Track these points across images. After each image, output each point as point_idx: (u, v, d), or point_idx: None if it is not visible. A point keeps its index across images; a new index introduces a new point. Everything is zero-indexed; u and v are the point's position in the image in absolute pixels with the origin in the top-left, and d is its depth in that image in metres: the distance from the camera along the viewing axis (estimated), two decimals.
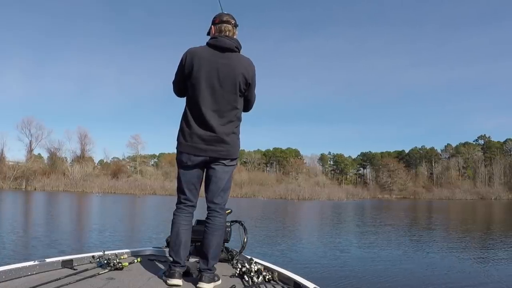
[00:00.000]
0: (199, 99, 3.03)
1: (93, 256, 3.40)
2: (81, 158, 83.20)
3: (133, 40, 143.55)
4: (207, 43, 3.13)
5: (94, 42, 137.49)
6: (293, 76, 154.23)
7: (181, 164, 3.12)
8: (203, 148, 3.02)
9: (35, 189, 66.97)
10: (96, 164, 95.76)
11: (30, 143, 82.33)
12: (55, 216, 23.17)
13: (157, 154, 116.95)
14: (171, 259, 3.09)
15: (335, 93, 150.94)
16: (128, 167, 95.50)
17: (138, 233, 16.48)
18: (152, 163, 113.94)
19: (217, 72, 3.03)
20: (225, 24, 3.15)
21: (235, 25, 3.20)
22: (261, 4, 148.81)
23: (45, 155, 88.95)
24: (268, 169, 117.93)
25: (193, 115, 3.05)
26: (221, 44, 3.08)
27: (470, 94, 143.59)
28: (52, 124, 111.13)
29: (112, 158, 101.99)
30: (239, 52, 3.17)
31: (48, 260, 3.10)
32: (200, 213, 3.44)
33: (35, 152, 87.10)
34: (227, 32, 3.14)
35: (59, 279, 2.73)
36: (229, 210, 3.77)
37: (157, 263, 3.59)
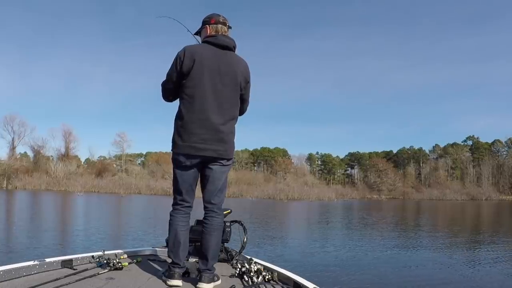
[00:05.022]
0: (200, 97, 2.98)
1: (92, 256, 3.39)
2: (65, 157, 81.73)
3: (123, 38, 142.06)
4: (206, 41, 3.11)
5: (83, 39, 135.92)
6: (283, 75, 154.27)
7: (179, 165, 3.06)
8: (202, 148, 2.96)
9: (16, 187, 65.65)
10: (82, 163, 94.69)
11: (12, 140, 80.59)
12: (32, 217, 22.43)
13: (144, 153, 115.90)
14: (170, 260, 3.07)
15: (324, 93, 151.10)
16: (114, 165, 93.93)
17: (124, 234, 15.89)
18: (139, 162, 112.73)
19: (218, 70, 3.01)
20: (221, 25, 3.15)
21: (229, 27, 3.21)
22: (252, 3, 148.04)
23: (29, 153, 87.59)
24: (255, 168, 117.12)
25: (193, 114, 2.98)
26: (221, 42, 3.08)
27: (459, 95, 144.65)
28: (39, 123, 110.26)
29: (98, 157, 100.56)
30: (234, 51, 3.18)
31: (47, 260, 3.09)
32: (199, 213, 3.34)
33: (19, 150, 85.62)
34: (224, 33, 3.15)
35: (59, 279, 2.74)
36: (229, 210, 3.88)
37: (156, 263, 3.58)
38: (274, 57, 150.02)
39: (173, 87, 3.11)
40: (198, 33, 3.30)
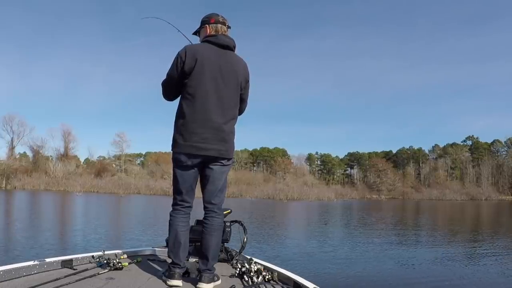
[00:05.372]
0: (202, 96, 2.96)
1: (92, 256, 3.40)
2: (65, 156, 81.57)
3: (123, 38, 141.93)
4: (207, 40, 3.08)
5: (83, 39, 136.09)
6: (283, 76, 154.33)
7: (179, 164, 3.03)
8: (204, 147, 2.94)
9: (15, 188, 65.37)
10: (82, 163, 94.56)
11: (11, 140, 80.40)
12: (32, 217, 22.34)
13: (144, 153, 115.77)
14: (170, 260, 3.06)
15: (324, 93, 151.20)
16: (114, 165, 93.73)
17: (124, 234, 15.77)
18: (138, 162, 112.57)
19: (219, 69, 3.00)
20: (220, 25, 3.14)
21: (229, 27, 3.20)
22: (252, 3, 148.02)
23: (28, 153, 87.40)
24: (255, 168, 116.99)
25: (194, 113, 2.95)
26: (222, 42, 3.08)
27: (458, 95, 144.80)
28: (39, 123, 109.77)
29: (98, 157, 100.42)
30: (234, 51, 3.17)
31: (47, 260, 3.10)
32: (199, 213, 3.34)
33: (18, 150, 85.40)
34: (224, 33, 3.14)
35: (59, 279, 2.74)
36: (229, 210, 3.90)
37: (156, 263, 3.58)
38: (274, 57, 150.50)
39: (174, 86, 3.09)
40: (196, 32, 3.28)
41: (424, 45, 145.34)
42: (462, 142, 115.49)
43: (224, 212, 3.83)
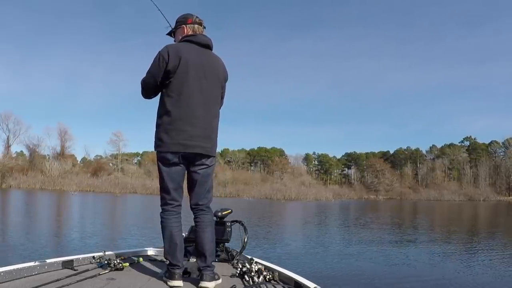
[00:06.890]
0: (187, 95, 2.97)
1: (93, 257, 3.41)
2: (61, 155, 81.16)
3: (121, 38, 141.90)
4: (187, 40, 3.10)
5: (82, 39, 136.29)
6: (280, 76, 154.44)
7: (166, 163, 3.01)
8: (191, 145, 2.95)
9: (10, 186, 64.90)
10: (79, 162, 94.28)
11: (7, 138, 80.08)
12: (28, 216, 22.25)
13: (141, 152, 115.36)
14: (167, 261, 3.05)
15: (321, 94, 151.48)
16: (111, 164, 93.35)
17: (124, 234, 15.57)
18: (136, 161, 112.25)
19: (202, 67, 3.04)
20: (197, 25, 3.17)
21: (204, 27, 3.23)
22: (250, 4, 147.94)
23: (24, 151, 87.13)
24: (252, 168, 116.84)
25: (180, 111, 2.95)
26: (202, 41, 3.12)
27: (456, 96, 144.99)
28: (37, 122, 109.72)
29: (95, 156, 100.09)
30: (212, 51, 3.21)
31: (48, 260, 3.10)
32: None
33: (14, 149, 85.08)
34: (201, 33, 3.18)
35: (60, 279, 2.75)
36: (229, 210, 4.00)
37: (157, 263, 3.60)
38: (271, 58, 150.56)
39: (156, 85, 3.07)
40: (171, 33, 3.30)
41: (423, 46, 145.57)
42: (459, 142, 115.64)
43: (225, 212, 3.98)
